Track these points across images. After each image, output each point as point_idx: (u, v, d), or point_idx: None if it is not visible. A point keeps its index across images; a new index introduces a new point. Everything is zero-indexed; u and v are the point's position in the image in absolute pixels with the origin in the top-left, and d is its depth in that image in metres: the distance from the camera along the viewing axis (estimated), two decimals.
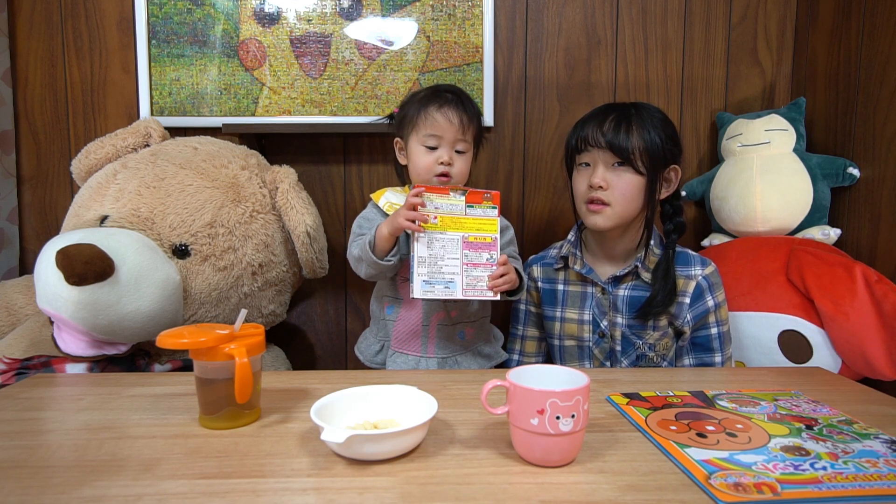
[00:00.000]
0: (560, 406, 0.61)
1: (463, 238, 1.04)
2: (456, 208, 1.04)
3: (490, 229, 1.05)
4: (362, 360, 1.22)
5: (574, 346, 1.19)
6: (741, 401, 0.83)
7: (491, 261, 1.04)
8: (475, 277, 1.03)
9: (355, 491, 0.59)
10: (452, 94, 1.14)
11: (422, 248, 1.03)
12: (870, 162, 1.32)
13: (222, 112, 1.52)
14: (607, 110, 1.13)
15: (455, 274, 1.03)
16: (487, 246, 1.04)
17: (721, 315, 1.15)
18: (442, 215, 1.04)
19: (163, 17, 1.50)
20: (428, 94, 1.15)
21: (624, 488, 0.59)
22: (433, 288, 1.02)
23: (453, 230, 1.04)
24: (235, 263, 1.21)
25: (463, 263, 1.03)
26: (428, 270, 1.03)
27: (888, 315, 1.10)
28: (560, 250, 1.21)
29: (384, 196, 1.18)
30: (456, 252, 1.04)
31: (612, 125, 1.09)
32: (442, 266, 1.03)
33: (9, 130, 1.52)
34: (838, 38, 1.43)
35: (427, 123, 1.12)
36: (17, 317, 1.31)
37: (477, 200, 1.05)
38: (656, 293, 1.10)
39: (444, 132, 1.11)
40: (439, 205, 1.04)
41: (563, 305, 1.20)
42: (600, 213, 1.10)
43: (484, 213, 1.05)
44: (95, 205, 1.20)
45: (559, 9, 1.57)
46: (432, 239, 1.03)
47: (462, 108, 1.12)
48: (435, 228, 1.03)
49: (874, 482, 0.60)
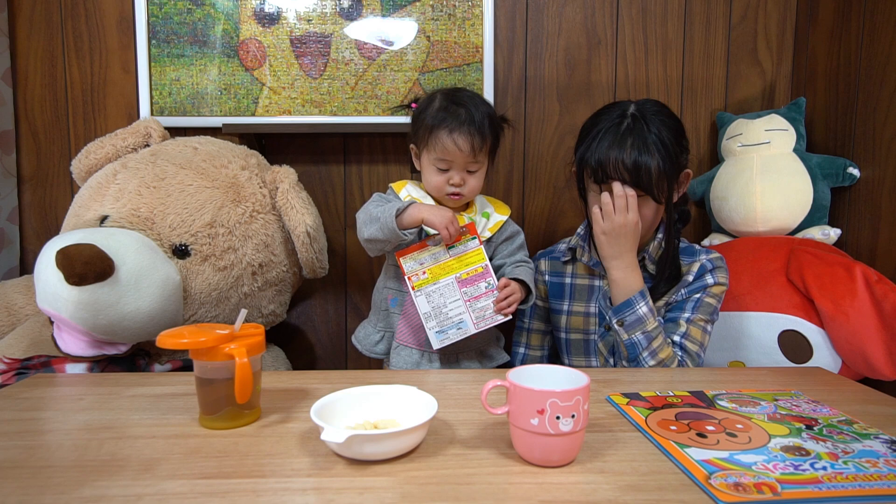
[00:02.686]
0: (560, 406, 0.61)
1: (456, 279, 1.08)
2: (440, 256, 1.09)
3: (477, 260, 1.09)
4: (360, 350, 1.23)
5: (580, 340, 1.20)
6: (741, 401, 0.83)
7: (490, 287, 1.08)
8: (481, 308, 1.08)
9: (355, 491, 0.59)
10: (466, 109, 1.10)
11: (423, 305, 1.08)
12: (870, 162, 1.32)
13: (222, 112, 1.52)
14: (621, 129, 1.07)
15: (461, 314, 1.08)
16: (481, 276, 1.09)
17: (713, 290, 1.12)
18: (429, 268, 1.08)
19: (163, 17, 1.50)
20: (441, 111, 1.11)
21: (624, 488, 0.59)
22: (447, 334, 1.08)
23: (444, 276, 1.08)
24: (235, 263, 1.21)
25: (465, 301, 1.08)
26: (437, 322, 1.08)
27: (888, 315, 1.10)
28: (568, 244, 1.22)
29: (405, 188, 1.20)
30: (455, 294, 1.08)
31: (633, 153, 1.04)
32: (448, 312, 1.08)
33: (9, 130, 1.52)
34: (838, 38, 1.43)
35: (437, 147, 1.10)
36: (17, 317, 1.31)
37: (456, 239, 1.09)
38: (659, 282, 1.12)
39: (454, 158, 1.10)
40: (423, 260, 1.08)
41: (570, 298, 1.20)
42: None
43: (465, 247, 1.09)
44: (95, 205, 1.20)
45: (559, 9, 1.57)
46: (429, 293, 1.08)
47: (474, 131, 1.09)
48: (427, 283, 1.08)
49: (874, 482, 0.60)
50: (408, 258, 1.08)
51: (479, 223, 1.16)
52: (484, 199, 1.23)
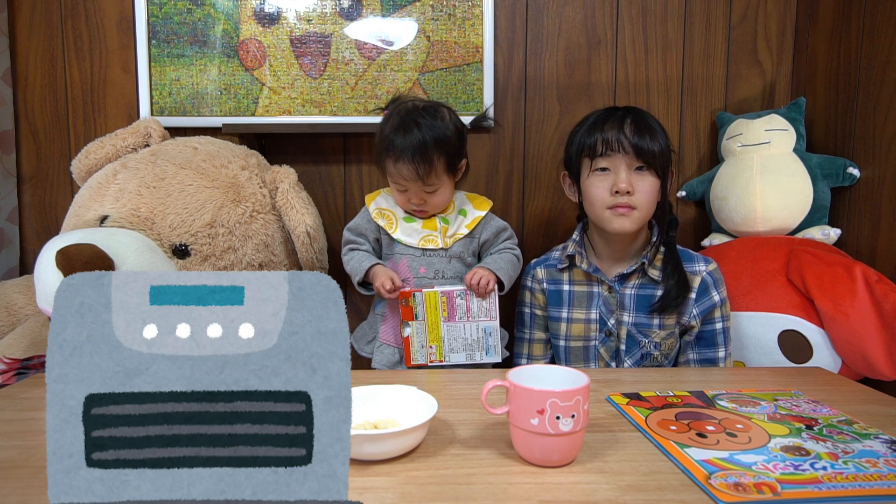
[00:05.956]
0: (560, 406, 0.61)
1: (444, 322, 1.12)
2: (419, 327, 1.12)
3: (435, 298, 1.11)
4: (355, 348, 1.25)
5: (580, 347, 1.19)
6: (741, 401, 0.83)
7: (462, 294, 1.11)
8: (478, 309, 1.12)
9: (355, 491, 0.59)
10: (412, 135, 1.09)
11: (458, 358, 1.13)
12: (870, 162, 1.32)
13: (222, 112, 1.52)
14: (618, 113, 1.12)
15: (476, 327, 1.12)
16: (450, 299, 1.12)
17: (725, 311, 1.16)
18: (427, 341, 1.12)
19: (163, 17, 1.50)
20: (388, 136, 1.12)
21: (624, 488, 0.59)
22: (490, 344, 1.13)
23: (438, 330, 1.12)
24: (235, 263, 1.21)
25: (467, 321, 1.12)
26: (476, 349, 1.13)
27: (888, 315, 1.10)
28: (564, 251, 1.21)
29: (374, 201, 1.24)
30: (457, 327, 1.12)
31: (634, 128, 1.09)
32: (471, 337, 1.13)
33: (9, 130, 1.52)
34: (838, 38, 1.43)
35: (388, 172, 1.14)
36: (17, 317, 1.31)
37: (404, 302, 1.12)
38: (670, 288, 1.11)
39: (406, 183, 1.13)
40: (421, 342, 1.12)
41: (569, 306, 1.20)
42: (628, 217, 1.10)
43: (420, 302, 1.11)
44: (95, 205, 1.20)
45: (559, 9, 1.57)
46: (450, 347, 1.12)
47: (419, 159, 1.09)
48: (441, 348, 1.12)
49: (874, 482, 0.60)
50: (412, 353, 1.12)
51: (454, 221, 1.20)
52: (463, 196, 1.26)
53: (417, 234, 1.18)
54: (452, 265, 1.18)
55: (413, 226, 1.19)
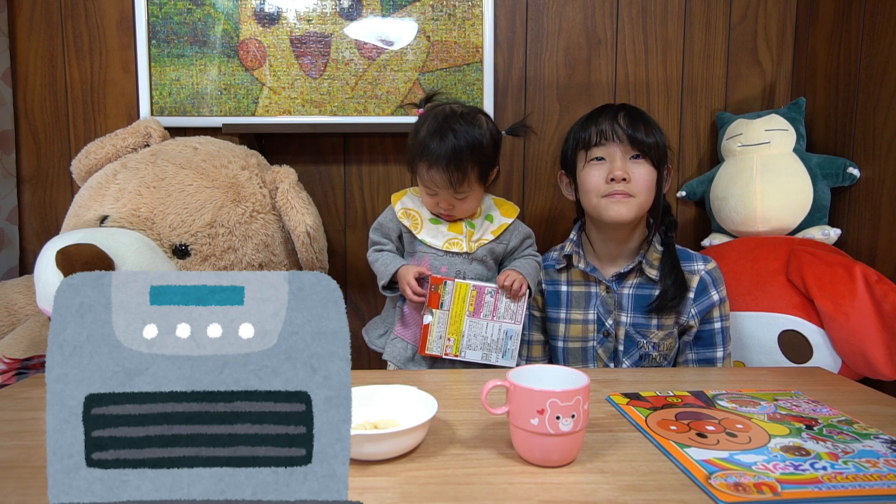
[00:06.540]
0: (560, 406, 0.61)
1: (468, 317, 1.11)
2: (442, 317, 1.11)
3: (465, 290, 1.10)
4: (366, 342, 1.24)
5: (578, 348, 1.19)
6: (741, 401, 0.83)
7: (492, 293, 1.11)
8: (505, 310, 1.12)
9: (355, 491, 0.59)
10: (448, 142, 1.07)
11: (474, 355, 1.12)
12: (870, 162, 1.32)
13: (222, 112, 1.52)
14: (612, 107, 1.14)
15: (500, 329, 1.12)
16: (480, 294, 1.11)
17: (724, 310, 1.16)
18: (446, 333, 1.11)
19: (163, 17, 1.50)
20: (423, 141, 1.09)
21: (624, 488, 0.59)
22: (509, 349, 1.13)
23: (461, 324, 1.11)
24: (235, 263, 1.21)
25: (491, 320, 1.12)
26: (495, 350, 1.12)
27: (888, 315, 1.10)
28: (561, 251, 1.21)
29: (401, 201, 1.22)
30: (480, 324, 1.12)
31: (627, 119, 1.10)
32: (491, 337, 1.12)
33: (9, 130, 1.52)
34: (838, 38, 1.43)
35: (420, 177, 1.13)
36: (17, 317, 1.31)
37: (435, 296, 1.11)
38: (667, 288, 1.11)
39: (437, 189, 1.12)
40: (439, 332, 1.11)
41: (567, 307, 1.20)
42: (625, 204, 1.09)
43: (448, 292, 1.11)
44: (95, 205, 1.20)
45: (559, 9, 1.57)
46: (468, 343, 1.11)
47: (452, 168, 1.07)
48: (459, 342, 1.11)
49: (874, 482, 0.60)
50: (429, 342, 1.11)
51: (480, 226, 1.18)
52: (490, 201, 1.24)
53: (442, 237, 1.16)
54: (474, 267, 1.16)
55: (439, 228, 1.17)
